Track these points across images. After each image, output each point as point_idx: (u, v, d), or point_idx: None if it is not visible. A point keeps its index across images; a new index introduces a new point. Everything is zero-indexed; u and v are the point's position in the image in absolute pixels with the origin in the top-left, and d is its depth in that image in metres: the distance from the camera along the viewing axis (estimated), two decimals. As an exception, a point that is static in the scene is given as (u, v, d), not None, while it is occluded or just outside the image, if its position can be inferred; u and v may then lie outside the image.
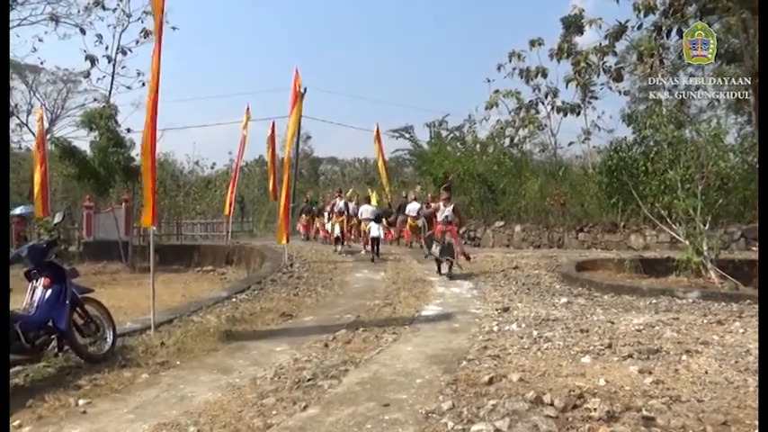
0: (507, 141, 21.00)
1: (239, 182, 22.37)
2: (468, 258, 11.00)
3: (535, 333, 5.92)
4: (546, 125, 20.73)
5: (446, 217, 11.10)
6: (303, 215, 19.51)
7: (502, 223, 17.00)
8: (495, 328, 6.26)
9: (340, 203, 16.39)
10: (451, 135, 23.24)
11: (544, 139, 21.12)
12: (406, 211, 16.11)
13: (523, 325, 6.34)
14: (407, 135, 24.19)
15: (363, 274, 11.05)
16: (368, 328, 6.37)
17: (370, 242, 14.08)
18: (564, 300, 8.03)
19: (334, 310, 7.59)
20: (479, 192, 18.24)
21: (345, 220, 15.77)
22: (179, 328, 6.42)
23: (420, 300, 8.14)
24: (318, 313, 7.48)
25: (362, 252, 14.94)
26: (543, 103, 20.65)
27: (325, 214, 17.77)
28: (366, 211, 15.50)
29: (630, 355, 5.00)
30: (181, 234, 23.11)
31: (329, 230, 16.68)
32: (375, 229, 14.30)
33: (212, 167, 37.55)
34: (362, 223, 15.81)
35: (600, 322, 6.41)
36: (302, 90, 12.71)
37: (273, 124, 18.24)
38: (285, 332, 6.41)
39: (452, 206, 10.95)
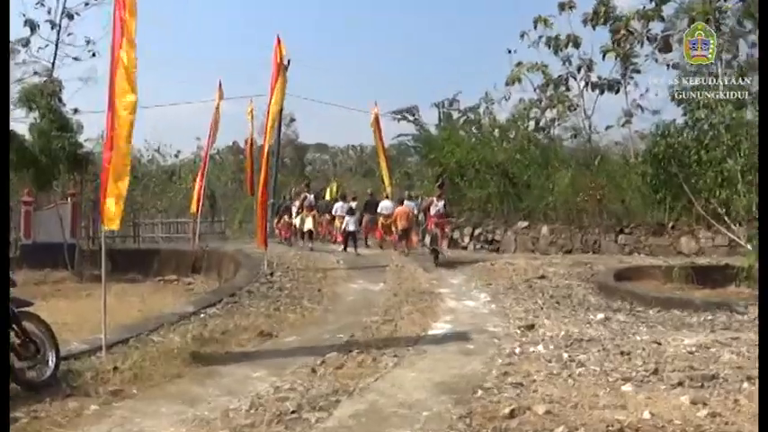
0: (532, 125, 21.01)
1: (209, 173, 22.37)
2: (439, 251, 13.35)
3: (566, 356, 5.91)
4: (578, 105, 20.76)
5: (438, 210, 14.16)
6: (285, 216, 19.29)
7: (525, 224, 17.01)
8: (518, 350, 6.25)
9: (310, 198, 17.40)
10: (464, 117, 23.20)
11: (576, 122, 21.13)
12: (378, 210, 17.30)
13: (551, 346, 6.33)
14: (411, 117, 24.16)
15: (359, 285, 11.04)
16: (364, 349, 6.36)
17: (344, 238, 15.82)
18: (600, 316, 8.03)
19: (323, 329, 7.59)
20: (498, 185, 18.23)
21: (317, 216, 17.40)
22: (136, 349, 6.40)
23: (427, 316, 8.13)
24: (304, 332, 7.47)
25: (339, 250, 16.13)
26: (575, 79, 20.67)
27: (293, 210, 18.40)
28: (340, 207, 17.24)
29: (681, 383, 4.99)
30: (138, 236, 23.09)
31: (297, 227, 17.82)
32: (351, 223, 15.86)
33: (176, 156, 37.59)
34: (336, 220, 17.38)
35: (644, 343, 6.41)
36: (285, 62, 12.66)
37: (252, 103, 18.25)
38: (264, 355, 6.40)
39: (443, 201, 14.34)
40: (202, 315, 8.27)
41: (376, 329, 7.42)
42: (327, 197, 20.88)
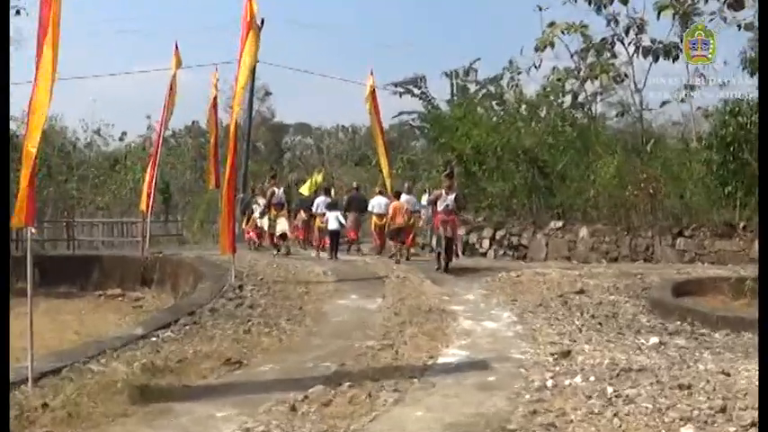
0: (568, 100, 21.07)
1: (163, 161, 22.39)
2: (452, 257, 14.12)
3: (610, 390, 5.91)
4: (626, 75, 20.77)
5: (446, 206, 14.09)
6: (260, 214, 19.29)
7: (560, 224, 17.06)
8: (550, 383, 6.26)
9: (279, 193, 17.63)
10: (483, 91, 23.25)
11: (624, 97, 21.18)
12: (370, 207, 18.03)
13: (592, 378, 6.34)
14: (417, 91, 24.14)
15: (350, 302, 11.05)
16: (356, 382, 6.37)
17: (327, 239, 16.55)
18: (654, 340, 8.04)
19: (305, 356, 7.59)
20: (526, 177, 18.28)
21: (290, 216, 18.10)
22: (70, 381, 6.40)
23: (436, 340, 8.14)
24: (282, 360, 7.47)
25: (315, 255, 16.93)
26: (623, 43, 20.68)
27: (256, 208, 18.68)
28: (322, 203, 17.78)
29: (754, 424, 5.00)
30: (73, 239, 23.08)
31: (265, 229, 18.19)
32: (333, 221, 16.46)
33: (121, 139, 37.59)
34: (317, 219, 17.95)
35: (709, 374, 6.42)
36: (258, 22, 12.65)
37: (217, 73, 18.22)
38: (232, 389, 6.40)
39: (455, 194, 14.24)
40: (154, 339, 8.27)
41: (372, 357, 7.42)
42: (306, 192, 20.99)
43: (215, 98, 18.36)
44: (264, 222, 18.12)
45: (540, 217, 17.71)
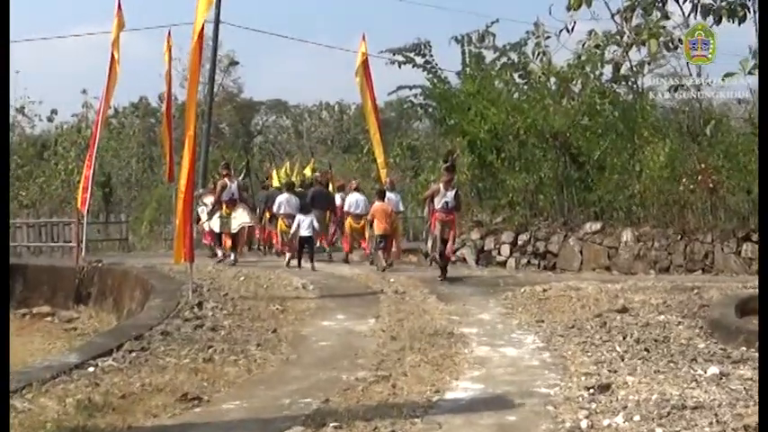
0: (608, 71, 21.02)
1: (103, 147, 22.36)
2: (447, 262, 15.32)
3: (659, 432, 5.94)
4: (682, 41, 20.76)
5: (446, 203, 14.91)
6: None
7: (597, 226, 17.11)
8: (585, 424, 6.27)
9: (233, 187, 17.96)
10: (503, 60, 23.20)
11: (678, 68, 21.16)
12: (346, 207, 18.84)
13: (637, 417, 6.36)
14: (420, 60, 24.05)
15: (337, 323, 11.08)
16: (344, 423, 6.38)
17: (300, 246, 17.20)
18: (714, 370, 8.05)
19: (280, 390, 7.60)
20: (555, 166, 18.32)
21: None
22: (-13, 422, 6.40)
23: (443, 370, 8.15)
24: (251, 395, 7.48)
25: (288, 264, 17.39)
26: (677, 0, 20.70)
27: (203, 209, 19.15)
28: (286, 202, 18.47)
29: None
30: (-9, 245, 23.04)
31: (215, 230, 18.58)
32: (306, 226, 16.96)
33: (51, 119, 37.67)
34: (279, 220, 18.78)
35: (780, 412, 6.44)
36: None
37: (170, 38, 18.25)
38: (189, 430, 6.41)
39: (455, 190, 15.21)
40: (92, 369, 8.27)
41: (363, 391, 7.43)
42: (276, 183, 21.17)
43: (169, 69, 18.39)
44: (215, 223, 18.22)
45: (572, 217, 17.75)
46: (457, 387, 7.57)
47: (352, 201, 18.77)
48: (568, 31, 21.30)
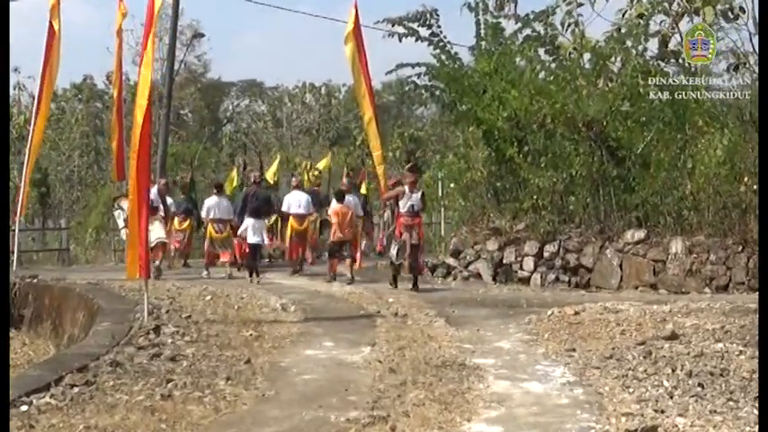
0: (654, 46, 21.04)
1: (43, 137, 22.29)
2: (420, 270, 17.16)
3: (716, 486, 5.94)
4: (744, 10, 20.81)
5: (412, 207, 16.85)
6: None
7: (641, 235, 17.12)
8: (625, 476, 6.28)
9: (152, 194, 17.91)
10: (526, 32, 23.22)
11: (739, 43, 21.20)
12: (285, 206, 19.94)
13: (689, 467, 6.36)
14: (425, 31, 24.05)
15: (324, 351, 11.06)
16: (333, 473, 6.38)
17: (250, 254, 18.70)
18: (782, 410, 8.06)
19: (255, 434, 7.61)
20: (589, 162, 18.30)
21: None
22: None
23: (452, 410, 8.15)
24: (219, 440, 7.48)
25: (204, 274, 18.86)
26: (737, -40, 20.76)
27: (119, 213, 19.78)
28: (216, 206, 19.61)
29: None
30: None
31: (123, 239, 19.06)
32: (253, 232, 18.30)
33: (-26, 102, 37.62)
34: (210, 226, 19.72)
35: None
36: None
37: (123, 4, 18.27)
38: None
39: (421, 192, 17.28)
40: (24, 408, 8.25)
41: (356, 436, 7.45)
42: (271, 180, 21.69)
43: (119, 44, 18.42)
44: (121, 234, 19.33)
45: (610, 224, 17.75)
46: (470, 430, 7.58)
47: (293, 200, 19.69)
48: (605, -1, 21.39)
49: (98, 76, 43.38)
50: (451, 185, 20.21)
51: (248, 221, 18.50)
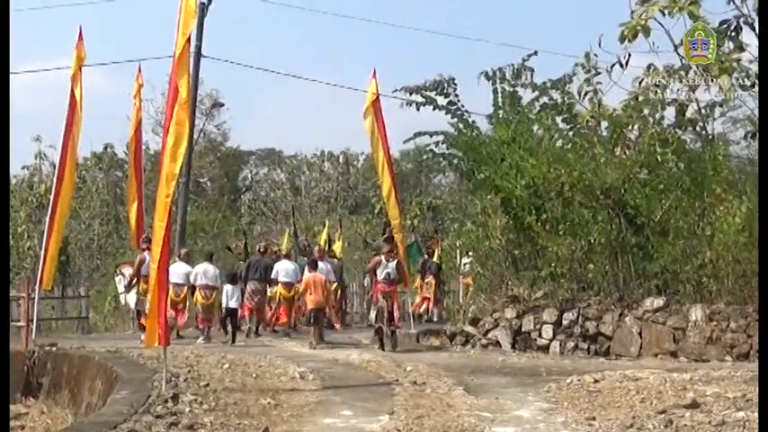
0: (671, 114, 21.12)
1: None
2: (396, 329, 18.38)
3: None
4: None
5: (388, 275, 18.30)
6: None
7: (660, 302, 17.08)
8: None
9: (148, 259, 18.48)
10: (543, 100, 23.36)
11: (754, 113, 21.27)
12: (273, 274, 20.68)
13: None
14: (443, 100, 24.22)
15: (342, 420, 11.08)
16: None
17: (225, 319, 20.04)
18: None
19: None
20: (608, 230, 18.32)
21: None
22: None
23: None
24: None
25: (200, 340, 19.59)
26: (753, 28, 20.86)
27: (120, 280, 21.11)
28: (203, 273, 20.25)
29: None
30: None
31: (131, 307, 20.96)
32: (233, 297, 19.75)
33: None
34: (197, 292, 20.20)
35: None
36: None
37: (141, 74, 18.50)
38: None
39: (396, 261, 18.55)
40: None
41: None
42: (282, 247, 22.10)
43: (138, 112, 18.63)
44: (131, 298, 19.82)
45: (629, 292, 17.70)
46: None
47: (281, 268, 20.61)
48: (622, 65, 21.41)
49: (119, 145, 43.79)
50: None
51: (226, 287, 19.96)
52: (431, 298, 25.15)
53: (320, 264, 19.85)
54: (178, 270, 20.04)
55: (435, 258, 25.71)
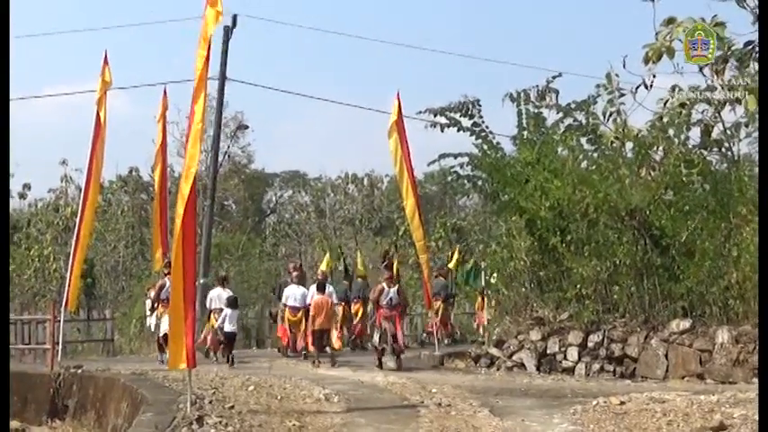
0: (696, 135, 21.07)
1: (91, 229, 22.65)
2: (401, 351, 19.21)
3: None
4: (786, 99, 20.87)
5: (390, 300, 19.32)
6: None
7: (686, 324, 17.02)
8: None
9: (169, 284, 18.49)
10: (567, 122, 23.35)
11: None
12: (283, 299, 21.23)
13: None
14: (467, 122, 24.26)
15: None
16: None
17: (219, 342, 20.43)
18: None
19: None
20: (633, 251, 18.28)
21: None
22: None
23: None
24: None
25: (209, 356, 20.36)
26: (778, 48, 20.84)
27: (148, 301, 21.71)
28: (217, 297, 21.04)
29: None
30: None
31: (152, 330, 21.47)
32: (230, 321, 20.03)
33: (23, 196, 38.20)
34: (212, 315, 20.99)
35: None
36: (228, 19, 13.05)
37: (165, 98, 18.63)
38: None
39: (397, 287, 19.79)
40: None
41: None
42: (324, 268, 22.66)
43: (163, 135, 18.75)
44: (152, 321, 20.50)
45: (655, 313, 17.64)
46: None
47: (290, 293, 20.97)
48: (647, 86, 21.38)
49: (144, 168, 44.07)
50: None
51: (225, 311, 20.10)
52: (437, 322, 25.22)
53: (327, 286, 20.56)
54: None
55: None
